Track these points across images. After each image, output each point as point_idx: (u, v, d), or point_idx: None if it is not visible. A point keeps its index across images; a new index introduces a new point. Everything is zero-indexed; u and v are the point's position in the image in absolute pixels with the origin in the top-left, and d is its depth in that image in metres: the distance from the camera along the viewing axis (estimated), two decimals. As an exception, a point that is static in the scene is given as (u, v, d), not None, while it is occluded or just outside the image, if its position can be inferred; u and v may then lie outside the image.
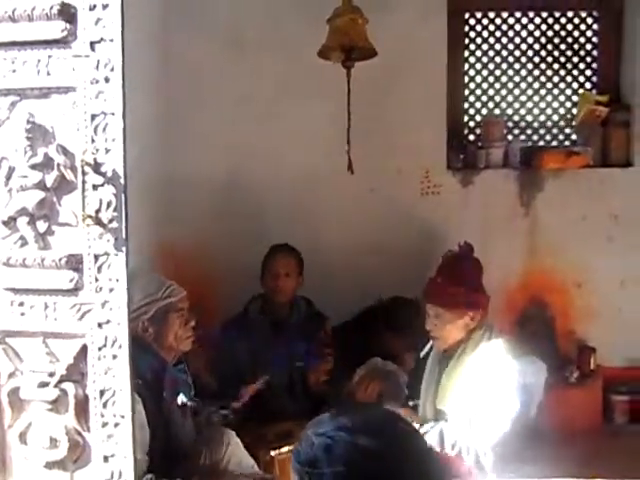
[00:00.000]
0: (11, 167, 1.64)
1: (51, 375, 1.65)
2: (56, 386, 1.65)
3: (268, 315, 2.82)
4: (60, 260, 1.62)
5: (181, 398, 1.96)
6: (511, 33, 3.40)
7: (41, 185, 1.62)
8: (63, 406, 1.65)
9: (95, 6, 1.57)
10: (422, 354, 2.30)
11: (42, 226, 1.64)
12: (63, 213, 1.63)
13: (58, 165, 1.61)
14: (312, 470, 0.99)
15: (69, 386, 1.64)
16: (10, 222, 1.66)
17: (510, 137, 3.44)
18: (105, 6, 1.56)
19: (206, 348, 2.61)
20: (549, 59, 3.40)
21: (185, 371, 2.13)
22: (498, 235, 3.27)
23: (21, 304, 1.66)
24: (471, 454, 1.98)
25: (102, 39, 1.57)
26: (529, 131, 3.45)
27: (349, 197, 3.24)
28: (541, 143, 3.45)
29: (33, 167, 1.62)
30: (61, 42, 1.59)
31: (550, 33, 3.39)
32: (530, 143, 3.43)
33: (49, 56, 1.60)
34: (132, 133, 2.75)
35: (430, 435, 2.01)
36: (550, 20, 3.38)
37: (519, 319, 3.33)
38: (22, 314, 1.66)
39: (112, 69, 1.57)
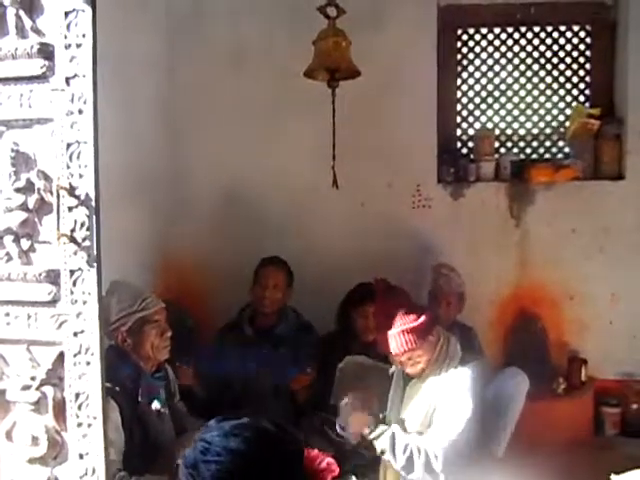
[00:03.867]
0: (-2, 190, 1.82)
1: (33, 379, 1.81)
2: (37, 389, 1.81)
3: (257, 324, 2.95)
4: (40, 275, 1.78)
5: (155, 405, 2.08)
6: (503, 48, 3.46)
7: (24, 207, 1.79)
8: (43, 407, 1.81)
9: (70, 45, 1.73)
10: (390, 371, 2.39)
11: (25, 244, 1.81)
12: (43, 232, 1.79)
13: (38, 189, 1.77)
14: (193, 471, 1.13)
15: (48, 389, 1.80)
16: (-2, 240, 1.84)
17: (503, 150, 3.50)
18: (79, 45, 1.72)
19: (196, 356, 2.75)
20: (542, 73, 3.45)
21: (165, 378, 2.25)
22: (489, 247, 3.34)
23: (7, 314, 1.82)
24: (422, 456, 2.05)
25: (76, 75, 1.72)
26: (522, 144, 3.50)
27: (341, 211, 3.35)
28: (534, 156, 3.49)
29: (17, 190, 1.79)
30: (41, 77, 1.75)
31: (542, 47, 3.44)
32: (523, 156, 3.48)
33: (30, 90, 1.76)
34: (139, 148, 3.00)
35: (382, 438, 2.09)
36: (542, 34, 3.43)
37: (510, 331, 3.38)
38: (8, 323, 1.83)
39: (85, 102, 1.72)
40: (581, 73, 3.43)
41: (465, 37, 3.48)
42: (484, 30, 3.47)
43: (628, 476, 1.82)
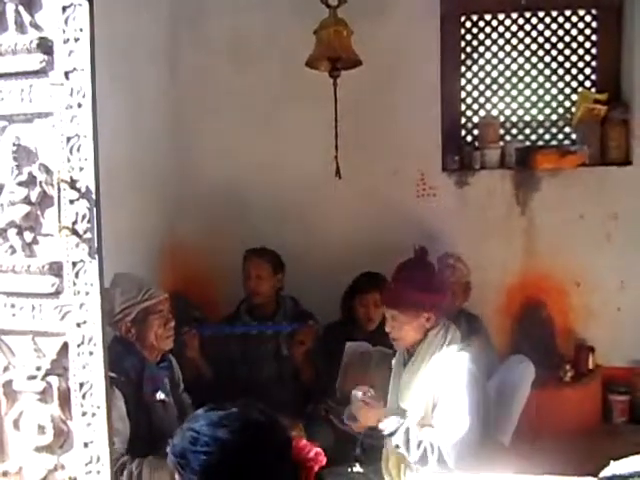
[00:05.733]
0: (1, 184, 1.85)
1: (38, 369, 1.85)
2: (43, 379, 1.85)
3: (256, 315, 2.98)
4: (43, 267, 1.81)
5: (159, 394, 2.12)
6: (508, 34, 3.43)
7: (26, 200, 1.82)
8: (49, 397, 1.85)
9: (68, 39, 1.75)
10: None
11: (28, 236, 1.84)
12: (46, 225, 1.82)
13: (40, 182, 1.80)
14: (182, 461, 1.15)
15: (53, 379, 1.84)
16: (2, 233, 1.86)
17: (508, 137, 3.47)
18: (77, 39, 1.74)
19: (202, 344, 2.79)
20: (547, 59, 3.41)
21: (169, 368, 2.30)
22: (495, 235, 3.33)
23: (12, 306, 1.86)
24: (435, 453, 2.05)
25: (74, 69, 1.74)
26: (527, 131, 3.47)
27: (346, 200, 3.35)
28: (540, 143, 3.46)
29: (19, 184, 1.82)
30: (40, 72, 1.77)
31: (548, 33, 3.40)
32: (529, 143, 3.45)
33: (30, 85, 1.79)
34: (144, 141, 3.03)
35: (397, 434, 2.09)
36: (547, 20, 3.39)
37: (516, 319, 3.37)
38: (13, 315, 1.86)
39: (84, 96, 1.74)
40: (587, 58, 3.39)
41: (469, 24, 3.45)
42: (488, 16, 3.43)
43: (627, 462, 1.82)
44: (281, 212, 3.35)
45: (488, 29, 3.44)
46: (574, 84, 3.42)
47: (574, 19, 3.37)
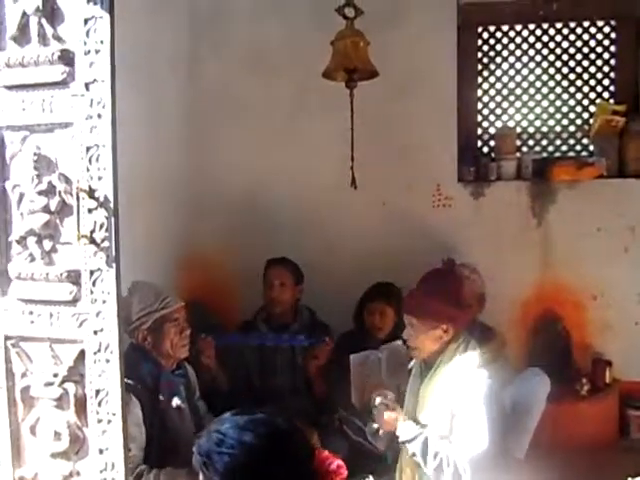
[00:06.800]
0: (22, 193, 1.88)
1: (55, 376, 1.87)
2: (59, 386, 1.87)
3: (272, 324, 2.99)
4: (62, 275, 1.84)
5: (175, 401, 2.14)
6: (525, 45, 3.42)
7: (46, 209, 1.84)
8: (65, 403, 1.87)
9: (89, 51, 1.78)
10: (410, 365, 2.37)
11: (47, 244, 1.87)
12: (65, 233, 1.85)
13: (60, 191, 1.83)
14: (207, 460, 1.17)
15: (70, 386, 1.86)
16: (22, 241, 1.89)
17: (525, 148, 3.46)
18: (97, 51, 1.77)
19: (218, 352, 2.79)
20: (565, 70, 3.40)
21: (184, 375, 2.31)
22: (510, 247, 3.30)
23: (31, 313, 1.89)
24: (451, 467, 2.03)
25: (95, 80, 1.77)
26: (544, 142, 3.45)
27: (361, 211, 3.36)
28: (557, 154, 3.44)
29: (39, 193, 1.85)
30: (61, 83, 1.81)
31: (566, 44, 3.39)
32: (546, 154, 3.44)
33: (52, 96, 1.82)
34: (163, 149, 3.06)
35: (415, 442, 2.08)
36: (565, 31, 3.38)
37: (532, 332, 3.34)
38: (32, 322, 1.89)
39: (103, 106, 1.77)
40: (605, 69, 3.37)
41: (486, 35, 3.45)
42: (505, 27, 3.43)
43: (645, 479, 1.79)
44: (298, 221, 3.36)
45: (505, 40, 3.44)
46: (592, 95, 3.40)
47: (593, 30, 3.36)
